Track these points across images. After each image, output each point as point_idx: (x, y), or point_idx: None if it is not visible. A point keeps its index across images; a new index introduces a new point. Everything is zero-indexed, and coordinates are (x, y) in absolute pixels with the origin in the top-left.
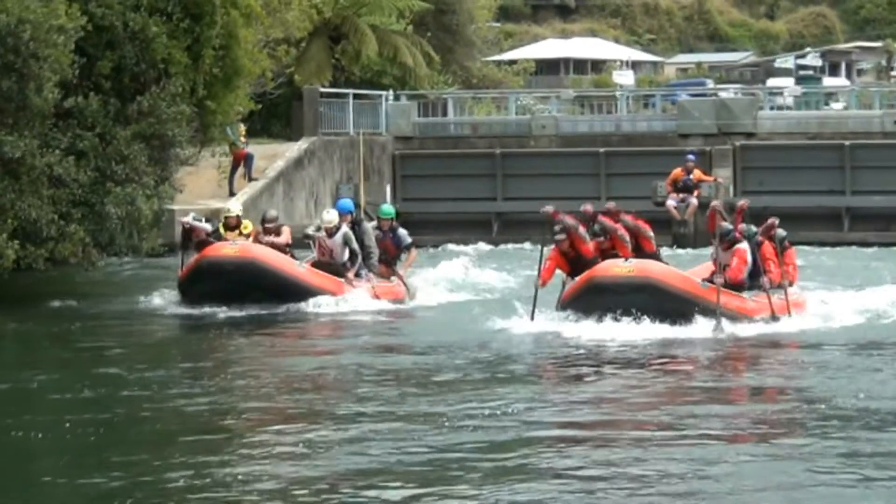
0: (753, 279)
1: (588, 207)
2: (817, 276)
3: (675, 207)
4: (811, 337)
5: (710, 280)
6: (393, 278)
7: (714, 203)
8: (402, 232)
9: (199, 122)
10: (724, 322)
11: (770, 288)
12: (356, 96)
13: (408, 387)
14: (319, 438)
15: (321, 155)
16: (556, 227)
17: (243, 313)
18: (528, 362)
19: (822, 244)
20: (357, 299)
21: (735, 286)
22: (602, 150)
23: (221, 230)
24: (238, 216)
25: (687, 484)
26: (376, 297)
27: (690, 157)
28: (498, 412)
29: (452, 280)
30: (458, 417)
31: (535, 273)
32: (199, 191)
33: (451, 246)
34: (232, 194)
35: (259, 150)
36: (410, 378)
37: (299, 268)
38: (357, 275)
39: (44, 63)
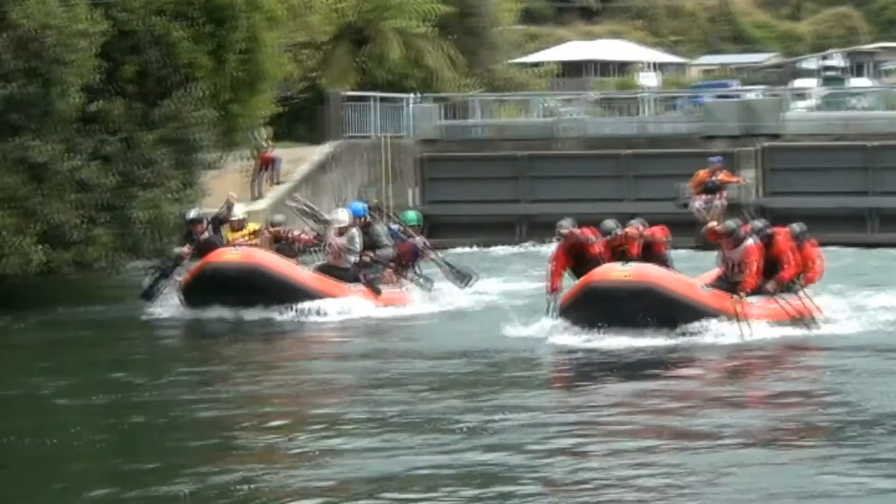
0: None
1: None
2: (842, 278)
3: (700, 210)
4: (827, 341)
5: (713, 285)
6: (402, 283)
7: (710, 226)
8: (417, 238)
9: (223, 125)
10: (731, 330)
11: (777, 291)
12: (380, 99)
13: (417, 393)
14: (330, 445)
15: (346, 158)
16: (562, 224)
17: (248, 318)
18: (537, 369)
19: (848, 245)
20: (360, 305)
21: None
22: (626, 152)
23: (227, 232)
24: (241, 219)
25: (702, 489)
26: (379, 302)
27: (715, 158)
28: (511, 419)
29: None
30: (463, 423)
31: (547, 281)
32: (225, 194)
33: (475, 249)
34: (258, 198)
35: (284, 153)
36: (418, 384)
37: (303, 272)
38: (374, 277)
39: (68, 68)
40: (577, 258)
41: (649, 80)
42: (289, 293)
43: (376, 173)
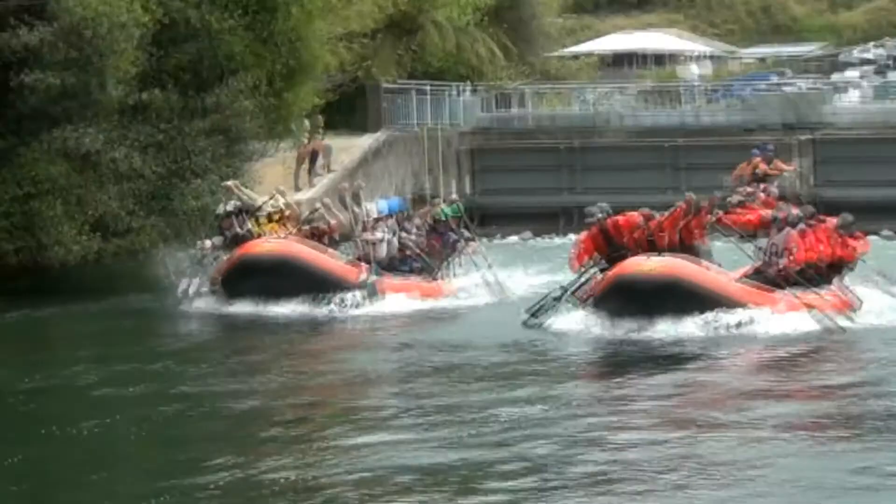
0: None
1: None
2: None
3: (739, 202)
4: (868, 334)
5: (747, 278)
6: (438, 276)
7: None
8: (453, 232)
9: (270, 115)
10: (761, 321)
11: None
12: (428, 90)
13: (453, 384)
14: (366, 436)
15: (394, 148)
16: (601, 207)
17: (283, 310)
18: (571, 361)
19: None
20: (396, 297)
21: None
22: (670, 143)
23: (255, 227)
24: (280, 209)
25: (740, 479)
26: (417, 294)
27: (758, 150)
28: (548, 410)
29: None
30: (500, 414)
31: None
32: (275, 183)
33: (516, 238)
34: (308, 186)
35: (335, 142)
36: (454, 375)
37: (339, 263)
38: (410, 271)
39: (114, 59)
40: (607, 245)
41: (693, 71)
42: (324, 284)
43: (423, 164)
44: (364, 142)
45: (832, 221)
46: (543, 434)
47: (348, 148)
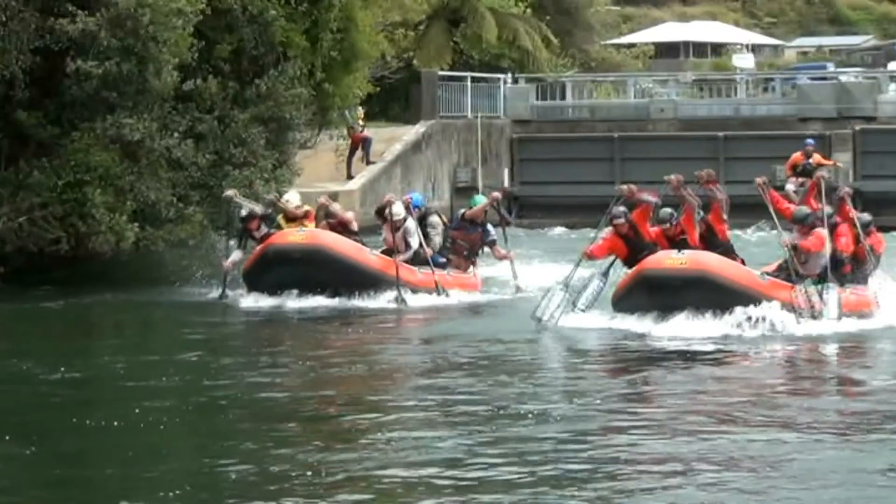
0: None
1: (672, 178)
2: None
3: (794, 192)
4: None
5: (772, 273)
6: (470, 270)
7: (760, 179)
8: (491, 228)
9: (316, 105)
10: (783, 319)
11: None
12: (475, 80)
13: (479, 378)
14: (393, 429)
15: (439, 138)
16: (620, 209)
17: (312, 302)
18: (596, 357)
19: None
20: (428, 289)
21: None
22: (721, 133)
23: (281, 221)
24: (298, 206)
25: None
26: (444, 287)
27: (810, 141)
28: (573, 406)
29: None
30: (527, 409)
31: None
32: (317, 174)
33: (561, 230)
34: (350, 177)
35: (377, 133)
36: (479, 370)
37: (370, 255)
38: (425, 264)
39: (163, 46)
40: (631, 246)
41: (744, 61)
42: (354, 276)
43: (469, 154)
44: (411, 131)
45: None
46: (567, 429)
47: (398, 137)
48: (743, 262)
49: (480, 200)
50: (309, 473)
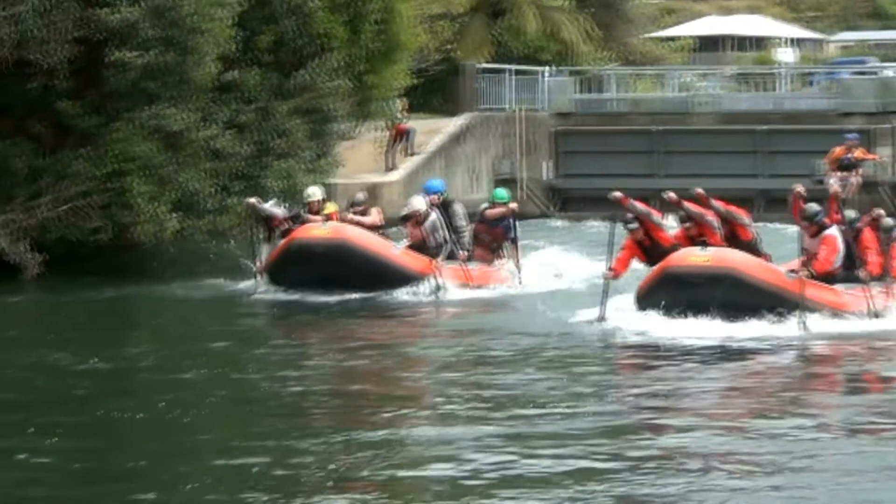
0: (849, 270)
1: (672, 195)
2: None
3: (835, 186)
4: None
5: (795, 271)
6: (496, 262)
7: (796, 187)
8: (514, 225)
9: (357, 96)
10: (810, 317)
11: (870, 280)
12: (515, 72)
13: (502, 373)
14: (419, 426)
15: (480, 130)
16: (629, 216)
17: (336, 297)
18: (619, 354)
19: None
20: (448, 283)
21: (825, 277)
22: (762, 127)
23: (303, 214)
24: (320, 200)
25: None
26: (469, 281)
27: (852, 135)
28: (602, 403)
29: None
30: (553, 404)
31: (606, 263)
32: (359, 165)
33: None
34: (391, 169)
35: (418, 125)
36: (501, 365)
37: (394, 250)
38: (451, 257)
39: (204, 37)
40: (648, 252)
41: (786, 55)
42: (378, 271)
43: (510, 146)
44: (452, 123)
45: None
46: (601, 426)
47: (439, 129)
48: (769, 260)
49: (501, 194)
50: (334, 467)
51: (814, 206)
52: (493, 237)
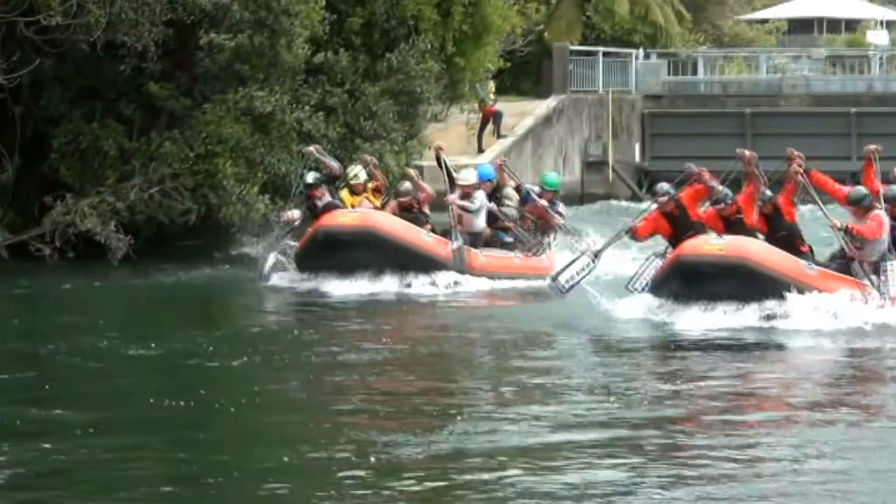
0: None
1: (746, 152)
2: None
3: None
4: None
5: (825, 264)
6: (543, 253)
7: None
8: (562, 208)
9: (448, 78)
10: (830, 310)
11: None
12: (606, 54)
13: (531, 362)
14: (439, 415)
15: (570, 113)
16: (664, 186)
17: (364, 287)
18: (635, 347)
19: None
20: (489, 272)
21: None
22: (853, 110)
23: (345, 196)
24: (365, 182)
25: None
26: (509, 269)
27: None
28: (618, 394)
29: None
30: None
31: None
32: (448, 147)
33: None
34: (481, 151)
35: (508, 107)
36: (528, 355)
37: (425, 237)
38: (504, 245)
39: (295, 19)
40: (676, 224)
41: (879, 37)
42: (409, 258)
43: (600, 128)
44: (543, 105)
45: None
46: (615, 419)
47: (529, 111)
48: (810, 250)
49: (551, 180)
50: (367, 458)
51: (861, 189)
52: (536, 216)
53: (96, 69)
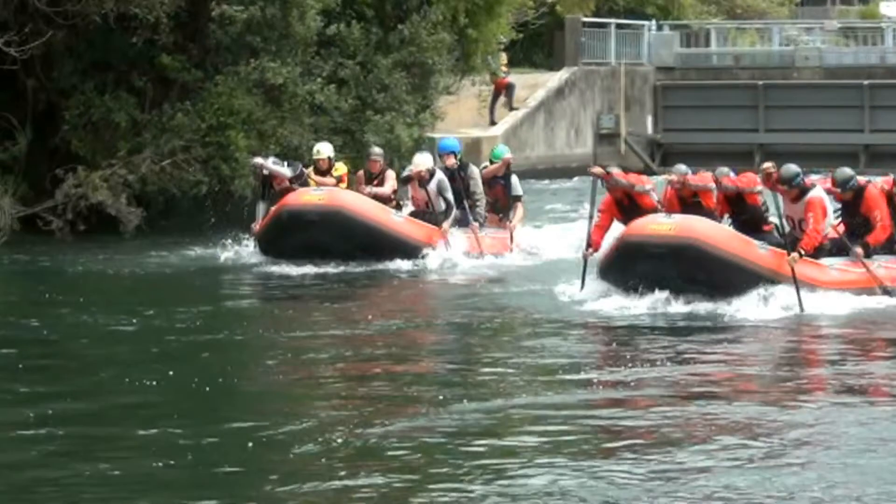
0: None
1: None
2: None
3: None
4: None
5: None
6: (508, 227)
7: (766, 165)
8: (515, 180)
9: (459, 50)
10: (792, 296)
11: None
12: (619, 26)
13: (494, 345)
14: (424, 398)
15: (582, 85)
16: (608, 184)
17: (330, 270)
18: (586, 337)
19: None
20: (456, 253)
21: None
22: (866, 82)
23: (311, 175)
24: (329, 158)
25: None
26: (480, 250)
27: None
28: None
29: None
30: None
31: (588, 225)
32: (460, 120)
33: None
34: (493, 123)
35: (520, 79)
36: (510, 340)
37: (395, 217)
38: (463, 225)
39: None
40: (627, 211)
41: (892, 9)
42: (377, 240)
43: (612, 100)
44: (555, 77)
45: (880, 185)
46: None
47: (541, 84)
48: (777, 229)
49: (497, 152)
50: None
51: (792, 167)
52: (494, 198)
53: (108, 41)
